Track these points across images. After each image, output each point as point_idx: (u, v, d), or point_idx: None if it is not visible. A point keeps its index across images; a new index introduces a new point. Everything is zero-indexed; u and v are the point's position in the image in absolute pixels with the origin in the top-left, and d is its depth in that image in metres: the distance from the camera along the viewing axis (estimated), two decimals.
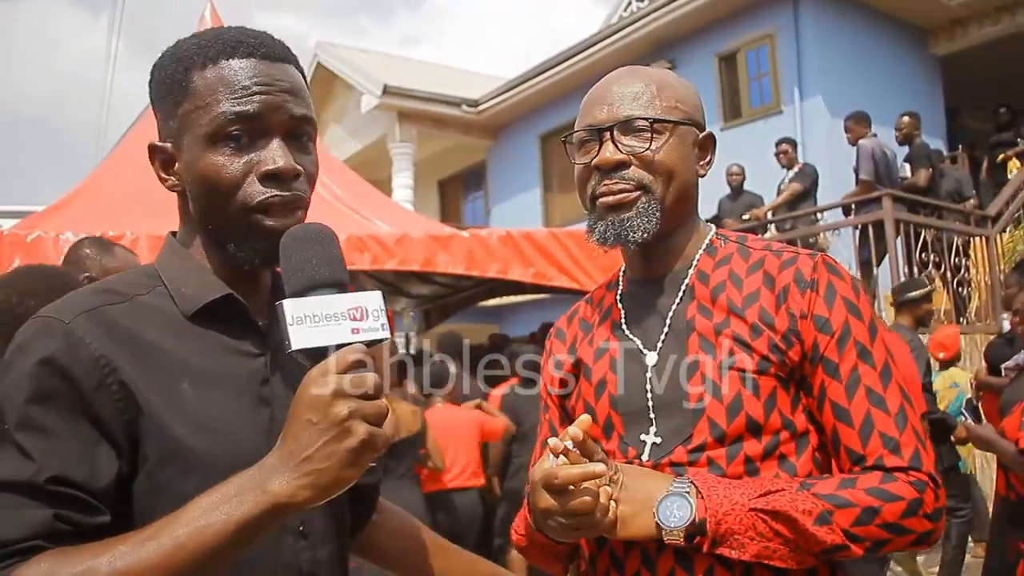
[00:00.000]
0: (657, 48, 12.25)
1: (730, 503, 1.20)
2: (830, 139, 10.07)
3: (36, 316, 1.06)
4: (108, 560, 0.92)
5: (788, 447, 1.30)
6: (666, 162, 1.36)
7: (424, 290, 8.29)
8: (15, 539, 0.94)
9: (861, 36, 11.12)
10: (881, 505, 1.20)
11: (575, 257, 5.57)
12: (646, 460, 1.34)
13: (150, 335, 1.09)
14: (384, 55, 18.24)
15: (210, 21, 6.97)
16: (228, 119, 1.10)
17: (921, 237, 7.62)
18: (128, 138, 6.88)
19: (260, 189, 1.11)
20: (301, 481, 0.93)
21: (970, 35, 11.50)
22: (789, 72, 10.97)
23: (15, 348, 1.04)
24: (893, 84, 11.03)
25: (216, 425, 1.08)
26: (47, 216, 5.50)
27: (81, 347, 1.02)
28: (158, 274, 1.18)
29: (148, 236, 4.57)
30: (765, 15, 11.20)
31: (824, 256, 1.36)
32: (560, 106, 13.95)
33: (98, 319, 1.06)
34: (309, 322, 0.97)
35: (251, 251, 1.13)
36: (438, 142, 15.64)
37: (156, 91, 1.18)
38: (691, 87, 1.45)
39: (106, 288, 1.13)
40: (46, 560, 0.93)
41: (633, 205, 1.36)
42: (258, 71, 1.12)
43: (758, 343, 1.30)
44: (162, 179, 1.18)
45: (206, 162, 1.11)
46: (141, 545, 0.92)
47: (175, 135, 1.15)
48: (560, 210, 14.34)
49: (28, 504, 0.96)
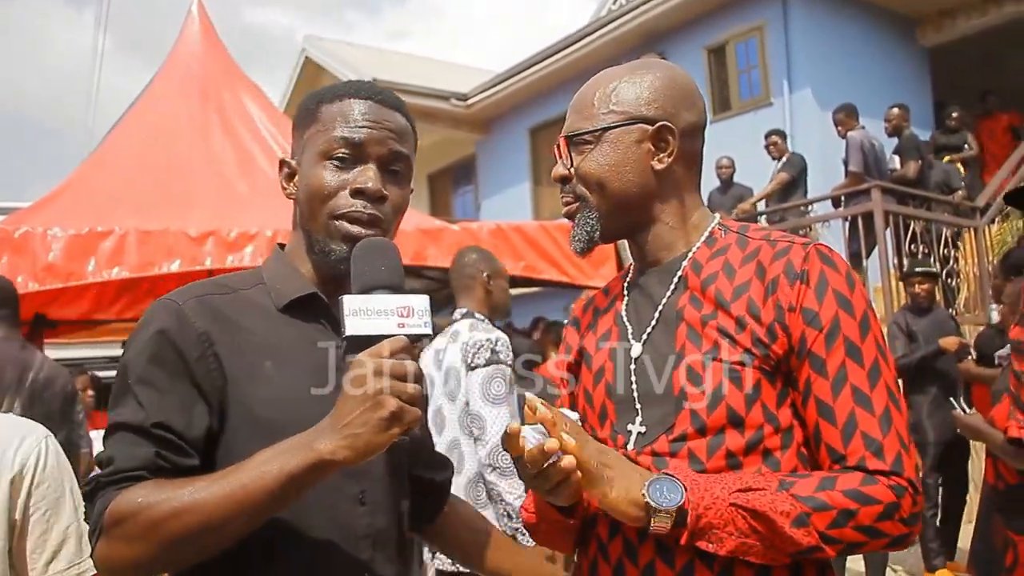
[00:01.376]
0: (646, 41, 12.24)
1: (711, 497, 1.19)
2: (819, 131, 10.09)
3: (160, 298, 1.32)
4: (189, 491, 1.14)
5: (772, 442, 1.28)
6: (591, 173, 1.40)
7: (415, 284, 8.25)
8: (127, 468, 1.20)
9: (850, 28, 11.14)
10: (858, 508, 1.19)
11: (565, 250, 5.56)
12: (630, 449, 1.35)
13: (245, 321, 1.33)
14: (372, 49, 18.19)
15: (197, 17, 6.93)
16: (337, 142, 1.36)
17: (910, 228, 7.65)
18: (115, 133, 6.83)
19: (348, 201, 1.35)
20: (341, 442, 1.12)
21: (958, 26, 11.53)
22: (778, 64, 10.99)
23: (142, 322, 1.30)
24: (882, 76, 11.05)
25: (289, 400, 1.29)
26: (34, 212, 5.46)
27: (188, 324, 1.28)
28: (262, 275, 1.44)
29: (136, 231, 4.54)
30: (754, 7, 11.21)
31: (818, 245, 1.33)
32: (550, 100, 13.93)
33: (205, 304, 1.32)
34: (363, 315, 1.16)
35: (331, 252, 1.35)
36: (427, 136, 15.60)
37: (296, 120, 1.46)
38: (653, 80, 1.42)
39: (221, 282, 1.40)
40: (147, 486, 1.18)
41: (575, 215, 1.44)
42: (370, 109, 1.38)
43: (742, 336, 1.29)
44: (284, 188, 1.46)
45: (314, 173, 1.37)
46: (214, 482, 1.15)
47: (299, 153, 1.43)
48: (550, 203, 14.33)
49: (139, 442, 1.22)
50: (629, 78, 1.42)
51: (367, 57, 15.98)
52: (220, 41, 7.02)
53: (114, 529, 1.16)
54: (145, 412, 1.22)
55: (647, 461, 1.31)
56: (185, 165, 5.74)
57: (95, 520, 1.19)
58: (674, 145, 1.40)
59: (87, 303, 7.18)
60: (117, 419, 1.24)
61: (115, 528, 1.16)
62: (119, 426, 1.24)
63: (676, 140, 1.40)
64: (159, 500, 1.15)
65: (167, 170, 5.71)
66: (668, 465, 1.29)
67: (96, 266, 4.44)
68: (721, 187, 9.53)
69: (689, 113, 1.43)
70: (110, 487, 1.19)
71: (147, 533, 1.14)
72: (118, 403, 1.26)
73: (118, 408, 1.25)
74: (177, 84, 6.51)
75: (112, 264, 4.47)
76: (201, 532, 1.14)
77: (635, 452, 1.34)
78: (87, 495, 1.22)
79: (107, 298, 7.30)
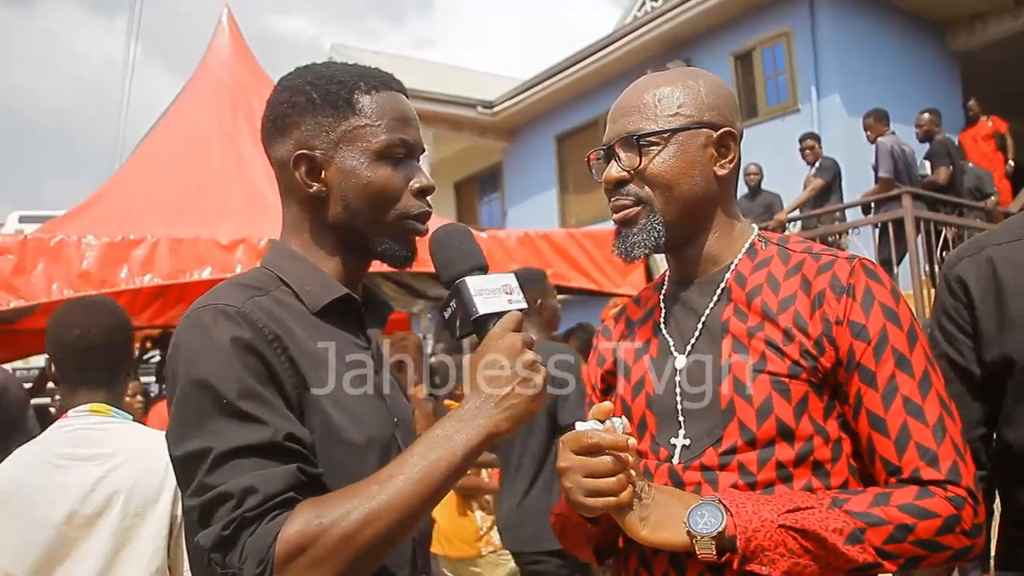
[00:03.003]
0: (672, 48, 12.21)
1: (759, 519, 1.18)
2: (848, 137, 10.01)
3: (200, 307, 1.20)
4: (365, 498, 1.09)
5: (822, 453, 1.28)
6: (661, 174, 1.37)
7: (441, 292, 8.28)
8: (274, 494, 1.08)
9: (878, 32, 11.05)
10: (916, 522, 1.18)
11: (593, 257, 5.55)
12: (676, 463, 1.34)
13: (291, 324, 1.24)
14: (398, 57, 18.28)
15: (227, 26, 7.02)
16: (395, 142, 1.31)
17: (942, 235, 7.56)
18: (147, 143, 6.92)
19: (415, 202, 1.34)
20: (502, 415, 1.16)
21: (989, 30, 11.40)
22: (806, 70, 10.92)
23: (198, 333, 1.16)
24: (911, 81, 10.96)
25: (352, 407, 1.25)
26: (69, 220, 5.55)
27: (257, 328, 1.18)
28: (276, 276, 1.32)
29: (167, 239, 4.60)
30: (780, 13, 11.15)
31: (863, 260, 1.34)
32: (576, 107, 13.94)
33: (260, 306, 1.22)
34: (485, 294, 1.22)
35: (398, 252, 1.34)
36: (454, 144, 15.66)
37: (307, 105, 1.32)
38: (709, 85, 1.43)
39: (244, 283, 1.28)
40: (311, 505, 1.09)
41: (636, 222, 1.39)
42: (407, 105, 1.37)
43: (790, 348, 1.29)
44: (306, 185, 1.31)
45: (376, 174, 1.30)
46: (394, 477, 1.11)
47: (330, 145, 1.31)
48: (576, 210, 14.33)
49: (274, 462, 1.10)
50: (688, 83, 1.42)
51: (393, 65, 15.86)
52: (250, 50, 7.11)
53: (297, 560, 1.05)
54: (271, 427, 1.12)
55: (696, 476, 1.31)
56: (216, 174, 5.81)
57: (258, 560, 1.05)
58: (735, 151, 1.43)
59: None
60: (230, 444, 1.10)
61: (298, 558, 1.05)
62: (238, 451, 1.09)
63: (737, 146, 1.43)
64: (343, 513, 1.07)
65: (198, 179, 5.78)
66: (718, 479, 1.28)
67: (129, 273, 4.50)
68: (749, 194, 9.47)
69: (739, 121, 1.45)
70: (261, 520, 1.06)
71: (338, 551, 1.06)
72: (215, 426, 1.11)
73: (221, 431, 1.11)
74: (208, 93, 6.60)
75: (144, 271, 4.52)
76: (393, 534, 1.10)
77: (682, 466, 1.33)
78: (227, 539, 1.06)
79: (139, 305, 7.39)
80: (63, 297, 4.42)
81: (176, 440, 1.14)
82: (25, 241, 4.42)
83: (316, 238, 1.36)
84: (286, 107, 1.33)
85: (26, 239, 4.46)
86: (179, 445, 1.13)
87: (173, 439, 1.15)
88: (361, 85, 1.33)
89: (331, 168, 1.31)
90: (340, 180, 1.31)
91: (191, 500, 1.11)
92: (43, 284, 4.32)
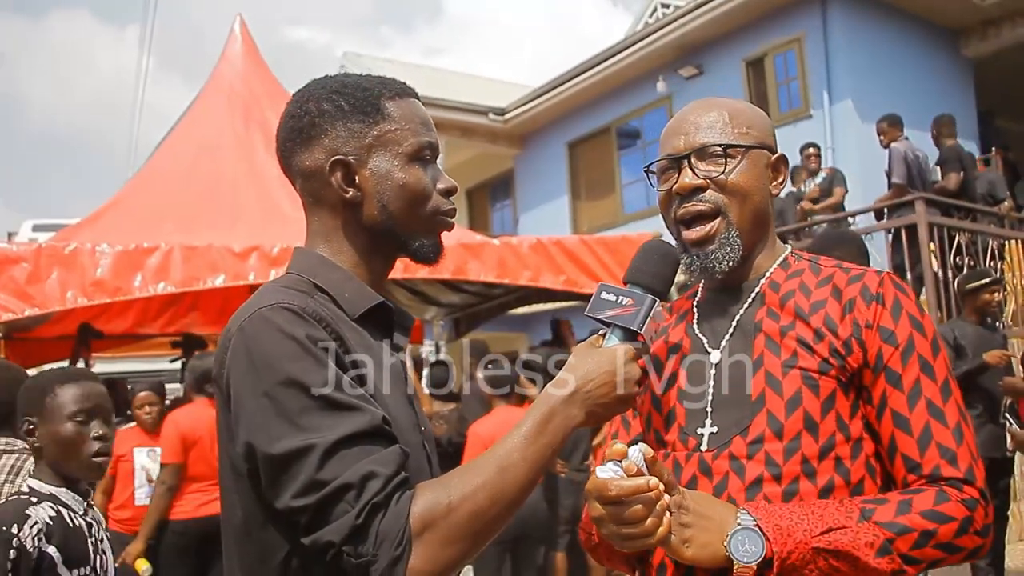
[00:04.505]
0: (684, 54, 12.21)
1: (793, 542, 1.23)
2: (860, 143, 9.99)
3: (262, 307, 1.20)
4: (491, 477, 1.15)
5: (843, 450, 1.34)
6: (740, 184, 1.45)
7: (454, 299, 8.30)
8: (394, 473, 1.11)
9: (890, 38, 11.01)
10: (936, 528, 1.25)
11: (606, 264, 5.55)
12: (705, 450, 1.40)
13: (342, 327, 1.25)
14: (409, 65, 18.35)
15: (239, 35, 7.06)
16: (423, 145, 1.37)
17: (955, 241, 7.52)
18: (160, 152, 6.96)
19: (444, 201, 1.40)
20: (588, 410, 1.27)
21: (1003, 35, 11.34)
22: (818, 76, 10.89)
23: (271, 336, 1.17)
24: (924, 86, 10.91)
25: (394, 411, 1.25)
26: (82, 228, 5.58)
27: (318, 325, 1.20)
28: (311, 283, 1.33)
29: (181, 247, 4.62)
30: (792, 19, 11.13)
31: (890, 274, 1.43)
32: (587, 113, 13.95)
33: (311, 304, 1.23)
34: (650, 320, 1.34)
35: (431, 246, 1.40)
36: (465, 151, 15.69)
37: (336, 113, 1.35)
38: (761, 113, 1.55)
39: (291, 287, 1.28)
40: (431, 487, 1.14)
41: (715, 238, 1.45)
42: (427, 113, 1.42)
43: (820, 346, 1.37)
44: (342, 190, 1.34)
45: (412, 174, 1.35)
46: (507, 464, 1.17)
47: (363, 150, 1.34)
48: (588, 217, 14.32)
49: (380, 446, 1.13)
50: (749, 108, 1.54)
51: (405, 72, 16.07)
52: (262, 59, 7.15)
53: (430, 537, 1.09)
54: (368, 413, 1.14)
55: (724, 466, 1.37)
56: (229, 182, 5.84)
57: (395, 542, 1.07)
58: (786, 175, 1.54)
59: (132, 317, 7.31)
60: (334, 436, 1.10)
61: (431, 536, 1.09)
62: (343, 442, 1.10)
63: (787, 171, 1.55)
64: (472, 490, 1.13)
65: (211, 187, 5.81)
66: (745, 468, 1.35)
67: (142, 281, 4.53)
68: None
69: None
70: (388, 503, 1.09)
71: (469, 527, 1.12)
72: (312, 421, 1.11)
73: (320, 425, 1.11)
74: (221, 102, 6.64)
75: (158, 279, 4.55)
76: (512, 511, 1.17)
77: (711, 455, 1.39)
78: (360, 528, 1.07)
79: (152, 313, 7.43)
80: (77, 305, 4.45)
81: (269, 441, 1.12)
82: (39, 249, 4.45)
83: (347, 244, 1.38)
84: (313, 116, 1.35)
85: (40, 247, 4.49)
86: (273, 445, 1.11)
87: (264, 441, 1.13)
88: (385, 92, 1.37)
89: (365, 172, 1.34)
90: (375, 183, 1.34)
91: (299, 500, 1.10)
92: (57, 292, 4.35)
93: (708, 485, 1.37)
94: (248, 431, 1.15)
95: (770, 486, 1.33)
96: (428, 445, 1.37)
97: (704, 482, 1.38)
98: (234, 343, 1.20)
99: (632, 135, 13.89)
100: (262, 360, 1.15)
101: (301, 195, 1.41)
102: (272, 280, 1.37)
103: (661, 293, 1.37)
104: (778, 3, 11.05)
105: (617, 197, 13.85)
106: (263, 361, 1.15)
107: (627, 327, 1.33)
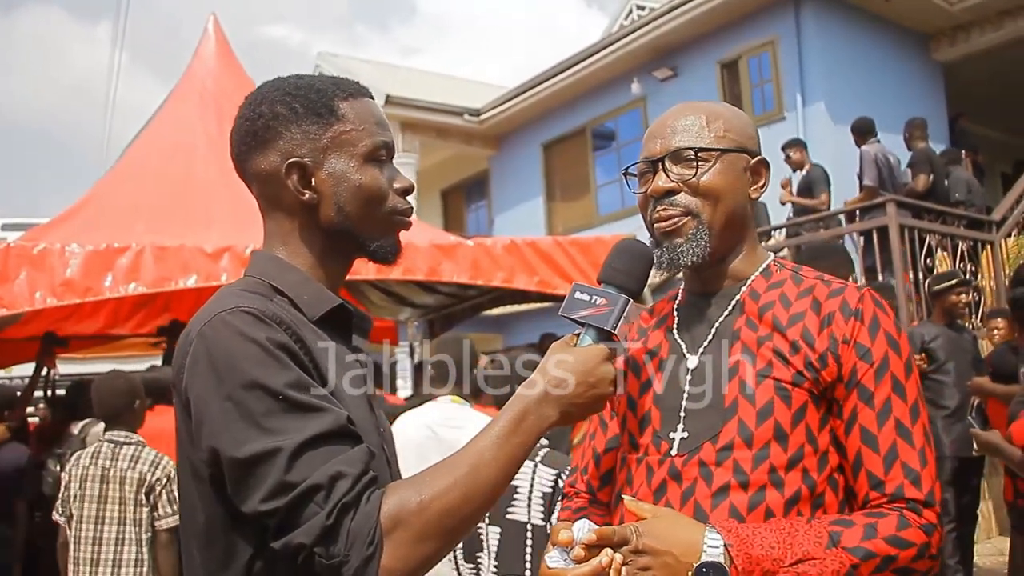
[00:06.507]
0: (659, 56, 12.27)
1: (760, 572, 1.23)
2: (833, 145, 10.07)
3: (221, 311, 1.18)
4: (462, 475, 1.15)
5: (810, 462, 1.36)
6: (712, 186, 1.46)
7: (428, 300, 8.28)
8: (361, 472, 1.11)
9: (863, 42, 11.13)
10: (898, 553, 1.28)
11: (579, 265, 5.55)
12: (675, 454, 1.41)
13: (302, 329, 1.25)
14: (385, 65, 18.29)
15: (213, 34, 7.00)
16: (379, 145, 1.36)
17: (926, 242, 7.61)
18: (132, 151, 6.90)
19: (401, 201, 1.39)
20: (563, 411, 1.27)
21: (972, 40, 11.50)
22: (791, 79, 10.98)
23: (231, 340, 1.15)
24: (895, 90, 11.04)
25: (354, 411, 1.24)
26: (52, 228, 5.51)
27: (279, 328, 1.19)
28: (269, 285, 1.32)
29: (152, 247, 4.57)
30: (766, 22, 11.22)
31: (870, 290, 1.44)
32: (562, 114, 13.97)
33: (271, 307, 1.22)
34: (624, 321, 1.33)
35: (390, 246, 1.40)
36: (441, 152, 15.67)
37: (290, 116, 1.33)
38: (743, 116, 1.56)
39: (249, 291, 1.27)
40: (402, 486, 1.14)
41: (683, 232, 1.46)
42: (382, 112, 1.41)
43: (795, 358, 1.38)
44: (299, 192, 1.33)
45: (368, 175, 1.35)
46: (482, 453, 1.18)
47: (318, 152, 1.33)
48: (563, 218, 14.35)
49: (346, 445, 1.13)
50: (729, 112, 1.54)
51: (380, 73, 16.06)
52: (236, 58, 7.10)
53: (401, 536, 1.08)
54: (332, 413, 1.14)
55: (693, 472, 1.38)
56: (201, 181, 5.78)
57: (366, 541, 1.06)
58: (766, 178, 1.54)
59: (103, 318, 7.24)
60: (299, 438, 1.09)
61: (402, 534, 1.08)
62: (309, 443, 1.09)
63: (768, 174, 1.55)
64: (443, 488, 1.12)
65: (183, 186, 5.76)
66: (713, 475, 1.36)
67: (113, 281, 4.46)
68: None
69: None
70: (358, 503, 1.09)
71: (441, 525, 1.11)
72: (277, 423, 1.10)
73: (286, 428, 1.10)
74: (193, 101, 6.58)
75: (129, 280, 4.49)
76: (484, 509, 1.18)
77: (681, 460, 1.40)
78: (331, 528, 1.06)
79: (123, 313, 7.36)
80: (46, 306, 4.39)
81: (234, 445, 1.10)
82: (8, 249, 4.38)
83: (304, 246, 1.37)
84: (267, 119, 1.34)
85: (9, 247, 4.42)
86: (239, 449, 1.10)
87: (229, 445, 1.11)
88: (339, 93, 1.36)
89: (321, 174, 1.33)
90: (332, 185, 1.33)
91: (268, 504, 1.08)
92: (26, 293, 4.28)
93: (677, 490, 1.39)
94: (212, 435, 1.13)
95: (736, 494, 1.34)
96: (387, 448, 1.37)
97: (673, 487, 1.40)
98: (194, 348, 1.18)
99: (607, 136, 13.93)
100: (224, 364, 1.14)
101: (257, 198, 1.40)
102: (230, 284, 1.36)
103: (635, 292, 1.38)
104: (752, 6, 11.13)
105: (592, 198, 13.88)
106: (225, 365, 1.14)
107: (601, 327, 1.34)
